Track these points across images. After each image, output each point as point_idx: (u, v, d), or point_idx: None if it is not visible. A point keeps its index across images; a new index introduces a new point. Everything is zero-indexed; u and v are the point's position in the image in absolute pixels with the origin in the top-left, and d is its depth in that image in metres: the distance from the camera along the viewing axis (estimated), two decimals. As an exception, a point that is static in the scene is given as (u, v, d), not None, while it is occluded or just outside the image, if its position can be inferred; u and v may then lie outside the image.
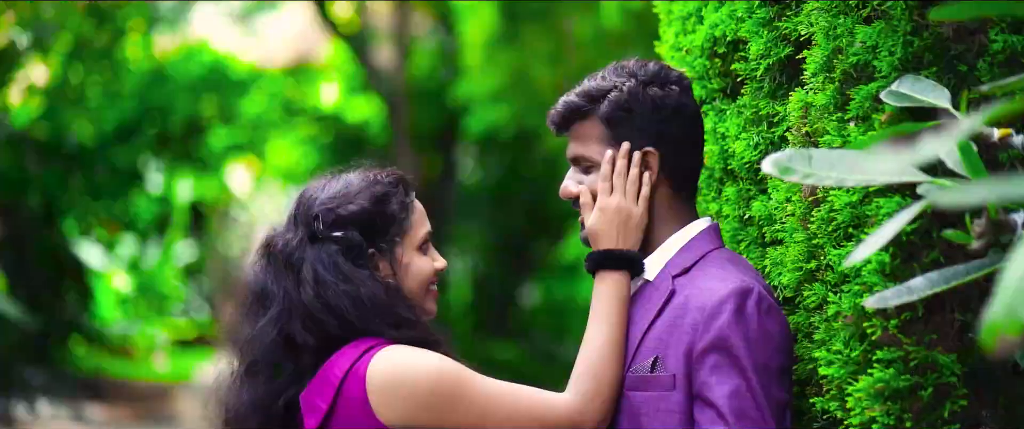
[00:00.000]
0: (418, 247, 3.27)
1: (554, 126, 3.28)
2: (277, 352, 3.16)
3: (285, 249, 3.21)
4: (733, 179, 3.44)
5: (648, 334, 3.10)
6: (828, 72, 2.95)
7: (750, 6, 3.28)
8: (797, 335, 3.09)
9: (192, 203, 19.99)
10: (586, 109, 3.21)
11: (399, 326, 3.13)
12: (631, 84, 3.19)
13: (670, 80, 3.22)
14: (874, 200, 2.79)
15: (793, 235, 3.05)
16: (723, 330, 2.98)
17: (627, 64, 3.25)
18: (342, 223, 3.20)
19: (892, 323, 2.76)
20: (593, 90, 3.22)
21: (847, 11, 2.90)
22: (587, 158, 3.23)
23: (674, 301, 3.10)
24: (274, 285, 3.19)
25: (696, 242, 3.20)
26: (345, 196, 3.23)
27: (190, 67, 16.57)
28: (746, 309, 2.99)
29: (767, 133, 3.26)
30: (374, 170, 3.31)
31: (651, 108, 3.18)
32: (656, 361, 3.06)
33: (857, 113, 2.85)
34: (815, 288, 2.97)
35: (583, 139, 3.23)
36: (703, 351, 2.99)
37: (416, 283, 3.25)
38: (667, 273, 3.16)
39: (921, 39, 2.78)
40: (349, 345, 3.11)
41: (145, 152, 16.13)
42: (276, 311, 3.17)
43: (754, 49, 3.26)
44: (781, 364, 3.02)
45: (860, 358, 2.82)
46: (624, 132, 3.18)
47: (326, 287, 3.13)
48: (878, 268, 2.78)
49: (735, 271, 3.09)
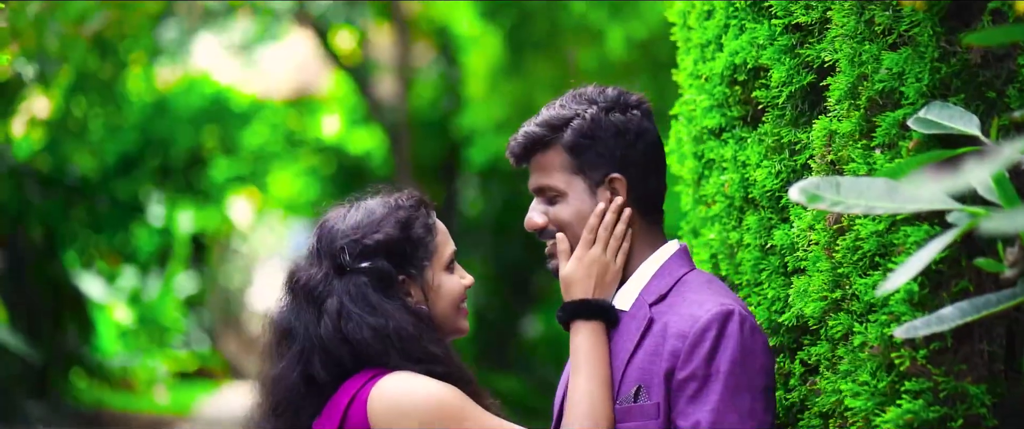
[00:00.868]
0: (446, 267, 3.23)
1: (514, 157, 3.25)
2: (300, 392, 3.12)
3: (309, 284, 3.15)
4: (754, 208, 3.40)
5: (630, 364, 3.07)
6: (853, 99, 2.91)
7: (772, 33, 3.25)
8: (820, 367, 3.05)
9: (193, 235, 19.93)
10: (548, 138, 3.18)
11: (423, 361, 3.08)
12: (593, 111, 3.16)
13: (630, 105, 3.19)
14: (901, 228, 2.76)
15: (817, 264, 3.01)
16: (707, 357, 2.96)
17: (585, 91, 3.22)
18: (370, 253, 3.15)
19: (921, 353, 2.73)
20: (554, 119, 3.18)
21: (872, 37, 2.87)
22: (552, 188, 3.19)
23: (653, 329, 3.08)
24: (296, 321, 3.14)
25: (668, 266, 3.18)
26: (369, 225, 3.18)
27: (191, 99, 16.54)
28: (728, 332, 2.98)
29: (789, 161, 3.23)
30: (393, 194, 3.26)
31: (614, 134, 3.15)
32: (639, 390, 3.04)
33: (883, 140, 2.82)
34: (840, 318, 2.93)
35: (546, 169, 3.19)
36: (685, 380, 2.98)
37: (447, 303, 3.22)
38: (643, 301, 3.14)
39: (949, 65, 2.74)
40: (360, 373, 3.07)
41: (146, 184, 16.08)
42: (297, 349, 3.12)
43: (776, 76, 3.22)
44: (765, 385, 3.01)
45: (887, 389, 2.78)
46: (588, 160, 3.15)
47: (349, 319, 3.08)
48: (906, 297, 2.74)
49: (712, 294, 3.07)
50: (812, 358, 3.09)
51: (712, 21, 3.52)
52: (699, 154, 3.67)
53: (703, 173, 3.67)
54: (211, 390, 18.32)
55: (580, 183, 3.18)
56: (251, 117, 17.27)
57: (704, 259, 3.67)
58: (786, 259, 3.23)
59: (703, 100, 3.54)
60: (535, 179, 3.23)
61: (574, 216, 3.19)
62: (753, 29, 3.32)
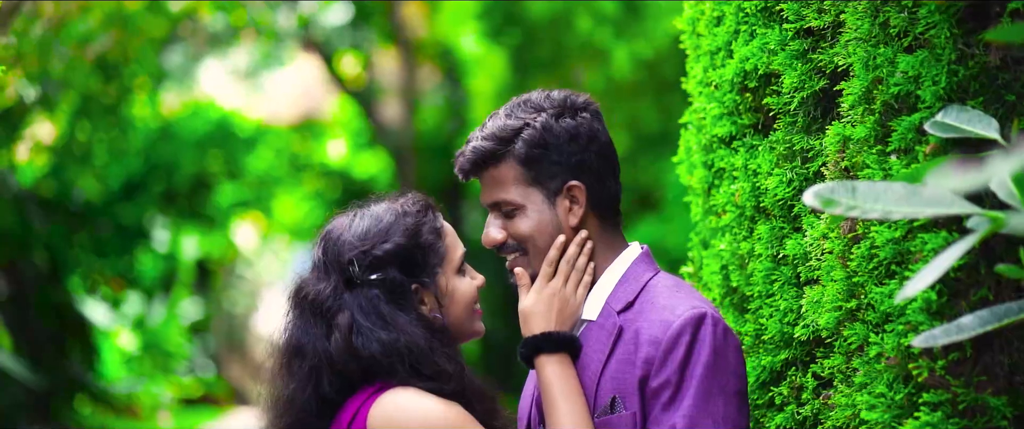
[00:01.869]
0: (457, 270, 3.15)
1: (463, 173, 3.16)
2: (313, 412, 3.04)
3: (318, 299, 3.05)
4: (765, 217, 3.33)
5: (603, 375, 3.01)
6: (867, 103, 2.85)
7: (783, 38, 3.18)
8: (835, 380, 2.98)
9: (198, 260, 19.89)
10: (499, 152, 3.09)
11: (433, 378, 2.99)
12: (542, 118, 3.09)
13: (579, 107, 3.13)
14: (918, 235, 2.70)
15: (831, 273, 2.95)
16: (681, 363, 2.91)
17: (530, 98, 3.15)
18: (380, 264, 3.06)
19: (939, 364, 2.67)
20: (502, 131, 3.10)
21: (887, 40, 2.81)
22: (508, 202, 3.11)
23: (624, 337, 3.01)
24: (305, 338, 3.04)
25: (633, 271, 3.12)
26: (377, 234, 3.08)
27: (196, 124, 16.54)
28: (701, 336, 2.93)
29: (801, 169, 3.16)
30: (399, 199, 3.17)
31: (567, 139, 3.08)
32: (614, 401, 2.98)
33: (899, 145, 2.77)
34: (856, 328, 2.87)
35: (500, 183, 3.11)
36: (659, 387, 2.92)
37: (461, 308, 3.14)
38: (610, 309, 3.07)
39: (966, 68, 2.69)
40: (365, 388, 3.00)
41: (151, 209, 16.06)
42: (308, 368, 3.03)
43: (787, 82, 3.16)
44: (739, 388, 2.95)
45: (905, 401, 2.73)
46: (543, 170, 3.08)
47: (360, 333, 2.99)
48: (924, 306, 2.68)
49: (682, 298, 3.02)
50: (826, 371, 3.03)
51: (722, 27, 3.46)
52: (709, 163, 3.60)
53: (713, 183, 3.60)
54: (216, 416, 18.24)
55: (537, 194, 3.10)
56: (256, 142, 17.26)
57: (715, 271, 3.60)
58: (799, 269, 3.17)
59: (713, 108, 3.48)
60: (489, 194, 3.14)
61: (534, 229, 3.11)
62: (764, 34, 3.25)
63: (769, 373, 3.28)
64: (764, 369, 3.27)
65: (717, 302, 3.57)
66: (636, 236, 10.06)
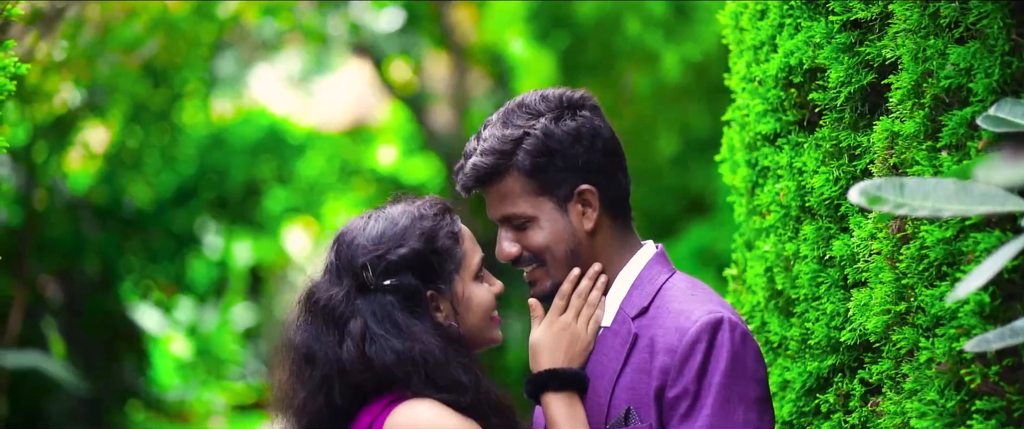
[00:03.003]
0: (474, 276, 3.06)
1: (466, 191, 3.07)
2: (325, 420, 2.98)
3: (330, 304, 2.98)
4: (811, 217, 3.26)
5: (618, 384, 2.93)
6: (917, 98, 2.77)
7: (829, 31, 3.11)
8: (883, 386, 2.90)
9: (250, 266, 20.01)
10: (502, 166, 2.99)
11: (448, 390, 2.91)
12: (541, 124, 2.99)
13: (576, 104, 3.03)
14: (970, 234, 2.62)
15: (879, 275, 2.87)
16: (698, 372, 2.82)
17: (525, 101, 3.04)
18: (394, 270, 2.98)
19: (993, 370, 2.59)
20: (501, 143, 3.00)
21: (937, 32, 2.73)
22: (518, 215, 3.02)
23: (639, 345, 2.93)
24: (317, 345, 2.97)
25: (648, 273, 3.03)
26: (392, 238, 3.01)
27: (248, 131, 16.63)
28: (719, 342, 2.84)
29: (848, 167, 3.09)
30: (415, 202, 3.09)
31: (570, 142, 2.99)
32: (629, 412, 2.90)
33: (950, 141, 2.69)
34: (905, 332, 2.79)
35: (508, 197, 3.02)
36: (676, 397, 2.84)
37: (478, 315, 3.05)
38: (624, 315, 2.99)
39: (1020, 59, 2.60)
40: (379, 398, 2.92)
41: (202, 215, 16.18)
42: (321, 375, 2.97)
43: (834, 76, 3.08)
44: (759, 395, 2.86)
45: (957, 409, 2.64)
46: (551, 178, 2.99)
47: (373, 342, 2.91)
48: (976, 309, 2.60)
49: (699, 302, 2.93)
50: (874, 377, 2.95)
51: (766, 21, 3.39)
52: (753, 162, 3.52)
53: (757, 182, 3.52)
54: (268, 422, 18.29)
55: (547, 203, 3.01)
56: (307, 148, 17.36)
57: (759, 273, 3.52)
58: (846, 271, 3.09)
59: (757, 104, 3.40)
60: (497, 209, 3.05)
61: (549, 239, 3.02)
62: (809, 27, 3.18)
63: (816, 379, 3.21)
64: (810, 375, 3.21)
65: (761, 305, 3.49)
66: (687, 240, 9.96)
